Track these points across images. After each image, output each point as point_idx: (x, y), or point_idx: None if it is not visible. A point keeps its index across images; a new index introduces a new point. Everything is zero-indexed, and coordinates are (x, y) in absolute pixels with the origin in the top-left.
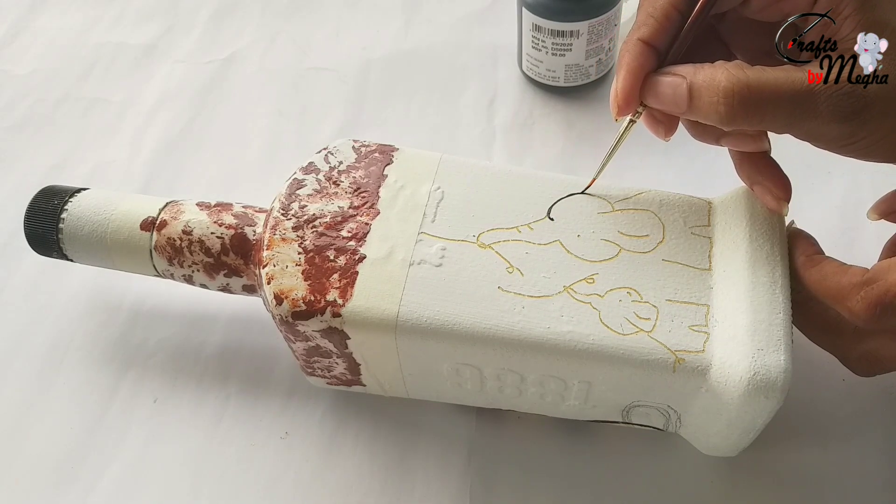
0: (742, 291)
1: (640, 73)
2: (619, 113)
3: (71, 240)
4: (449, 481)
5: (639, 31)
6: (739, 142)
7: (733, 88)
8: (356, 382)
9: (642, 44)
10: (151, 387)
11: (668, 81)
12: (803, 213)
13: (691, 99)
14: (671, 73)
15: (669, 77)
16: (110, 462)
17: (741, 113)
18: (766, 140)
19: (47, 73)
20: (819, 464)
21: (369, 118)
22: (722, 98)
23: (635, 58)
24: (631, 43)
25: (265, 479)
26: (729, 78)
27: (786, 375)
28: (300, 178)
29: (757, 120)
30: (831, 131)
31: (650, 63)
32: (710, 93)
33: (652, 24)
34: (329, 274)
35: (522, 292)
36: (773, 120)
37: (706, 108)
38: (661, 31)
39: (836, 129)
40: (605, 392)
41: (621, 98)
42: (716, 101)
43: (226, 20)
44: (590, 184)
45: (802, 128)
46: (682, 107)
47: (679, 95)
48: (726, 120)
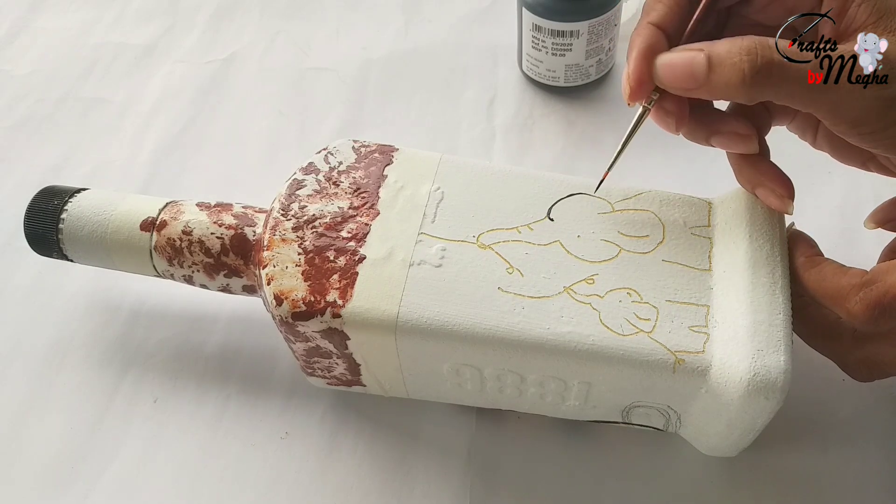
0: (742, 292)
1: (652, 56)
2: (632, 97)
3: (71, 240)
4: (449, 481)
5: (649, 16)
6: (730, 141)
7: (756, 48)
8: (356, 383)
9: (653, 27)
10: (151, 387)
11: (682, 55)
12: (803, 213)
13: (711, 67)
14: (685, 49)
15: (683, 52)
16: (110, 462)
17: (765, 72)
18: (757, 141)
19: (47, 73)
20: (819, 464)
21: (369, 118)
22: (746, 56)
23: (646, 40)
24: (642, 26)
25: (265, 479)
26: (752, 40)
27: (786, 376)
28: (300, 179)
29: (782, 82)
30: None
31: (661, 46)
32: (731, 55)
33: (662, 9)
34: (329, 274)
35: (522, 293)
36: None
37: (728, 72)
38: (671, 14)
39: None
40: (605, 392)
41: (634, 80)
42: (738, 60)
43: (226, 20)
44: (602, 179)
45: (827, 97)
46: (699, 78)
47: (697, 65)
48: (750, 80)
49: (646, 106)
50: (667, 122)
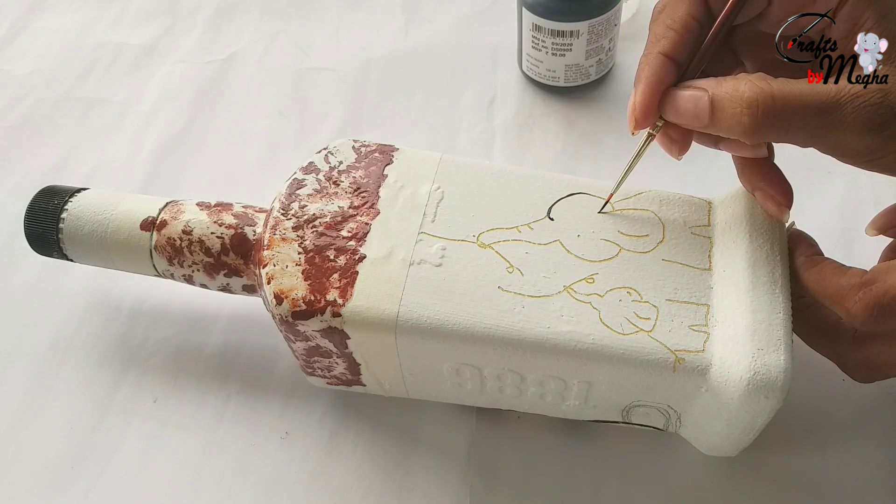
0: (742, 291)
1: (660, 87)
2: (637, 127)
3: (71, 240)
4: (449, 481)
5: (659, 44)
6: (738, 146)
7: (757, 99)
8: (356, 382)
9: (663, 57)
10: (151, 387)
11: (688, 95)
12: (804, 213)
13: (713, 111)
14: (691, 87)
15: (690, 90)
16: (110, 462)
17: (765, 125)
18: (766, 146)
19: (47, 73)
20: (819, 464)
21: (369, 118)
22: (746, 109)
23: (655, 72)
24: (651, 56)
25: (265, 479)
26: (753, 89)
27: (786, 375)
28: (300, 178)
29: (782, 132)
30: (858, 144)
31: (670, 77)
32: (733, 104)
33: (672, 37)
34: (329, 274)
35: (522, 292)
36: (799, 132)
37: (729, 121)
38: (681, 43)
39: (862, 142)
40: (605, 392)
41: (639, 112)
42: (739, 112)
43: (226, 20)
44: (606, 201)
45: (828, 140)
46: (703, 120)
47: (701, 108)
48: (750, 132)
49: (651, 133)
50: (671, 149)
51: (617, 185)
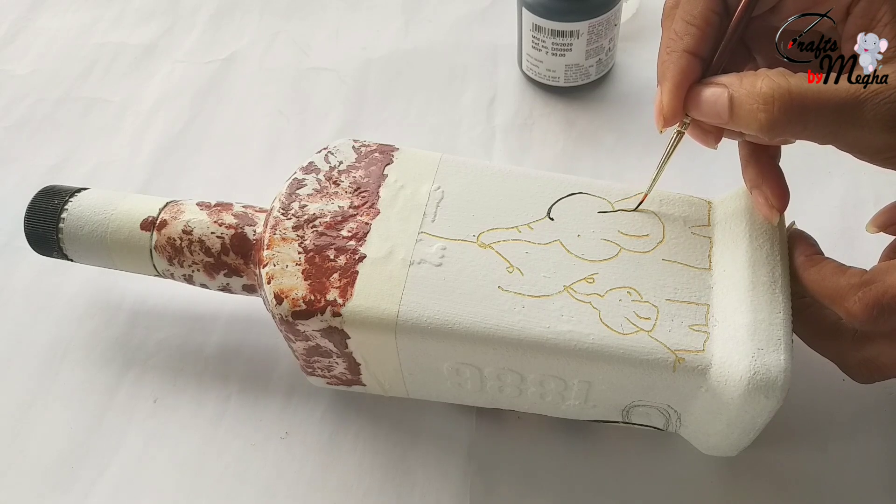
0: (742, 291)
1: (685, 86)
2: (666, 125)
3: (71, 240)
4: (449, 481)
5: (682, 42)
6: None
7: (774, 95)
8: (356, 382)
9: (688, 55)
10: (151, 387)
11: (709, 92)
12: (803, 213)
13: (732, 108)
14: (713, 84)
15: (711, 88)
16: (110, 462)
17: (782, 121)
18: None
19: (47, 73)
20: (819, 464)
21: (369, 118)
22: (762, 105)
23: (681, 70)
24: (676, 54)
25: (265, 479)
26: (769, 84)
27: (786, 375)
28: (300, 178)
29: (799, 128)
30: (877, 141)
31: (695, 73)
32: (750, 100)
33: (695, 33)
34: (329, 273)
35: (522, 292)
36: (816, 128)
37: (747, 117)
38: (703, 38)
39: (882, 139)
40: (605, 392)
41: (667, 111)
42: (755, 108)
43: (226, 20)
44: (642, 200)
45: (847, 137)
46: (723, 117)
47: (720, 106)
48: (766, 128)
49: (680, 130)
50: (706, 140)
51: (652, 184)
